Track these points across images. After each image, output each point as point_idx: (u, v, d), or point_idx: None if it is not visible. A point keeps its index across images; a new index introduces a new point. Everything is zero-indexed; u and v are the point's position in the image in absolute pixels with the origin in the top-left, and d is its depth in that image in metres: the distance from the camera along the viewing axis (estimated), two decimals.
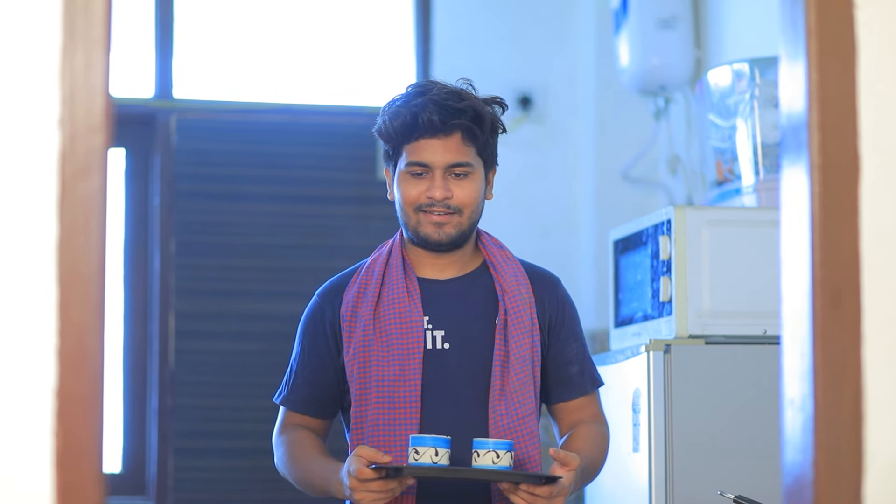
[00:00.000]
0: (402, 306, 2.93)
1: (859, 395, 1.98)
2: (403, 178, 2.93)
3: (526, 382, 2.91)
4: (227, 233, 5.39)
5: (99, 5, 1.85)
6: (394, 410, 2.88)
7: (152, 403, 5.33)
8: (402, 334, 2.91)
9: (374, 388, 2.90)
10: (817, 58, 2.01)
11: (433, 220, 2.91)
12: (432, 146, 2.90)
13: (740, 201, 4.15)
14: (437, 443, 2.75)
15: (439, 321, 2.94)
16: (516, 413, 2.88)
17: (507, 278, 2.98)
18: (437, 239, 2.91)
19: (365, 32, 5.64)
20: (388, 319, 2.93)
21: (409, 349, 2.90)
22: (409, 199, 2.92)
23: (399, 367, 2.89)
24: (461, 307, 2.96)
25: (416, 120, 2.89)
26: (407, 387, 2.89)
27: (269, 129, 5.46)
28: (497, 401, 2.89)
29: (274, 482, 5.33)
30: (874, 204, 2.00)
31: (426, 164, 2.90)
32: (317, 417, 3.02)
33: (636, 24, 5.21)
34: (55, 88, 1.84)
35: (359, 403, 2.92)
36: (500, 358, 2.91)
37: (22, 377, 1.81)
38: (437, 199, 2.90)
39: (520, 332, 2.93)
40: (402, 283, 2.95)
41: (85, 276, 1.82)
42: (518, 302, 2.95)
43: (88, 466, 1.81)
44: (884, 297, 2.00)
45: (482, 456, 2.75)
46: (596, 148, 5.53)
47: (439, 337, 2.93)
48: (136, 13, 5.46)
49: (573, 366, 3.02)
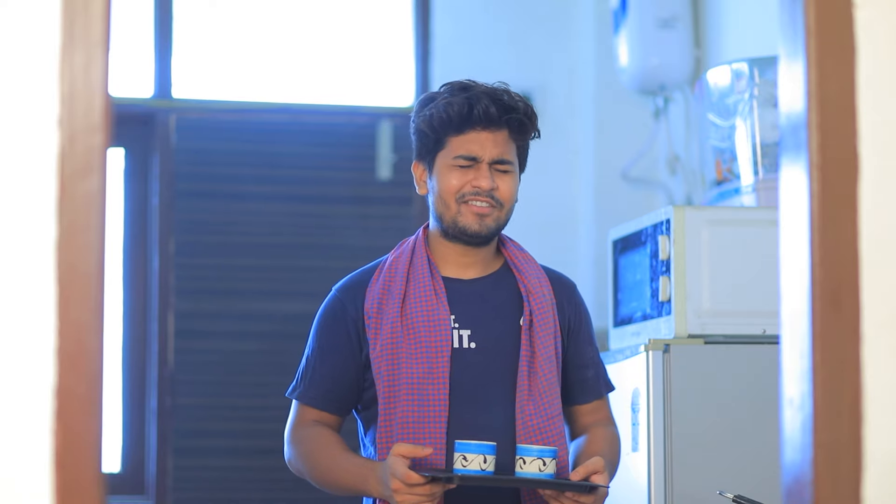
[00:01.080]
0: (429, 304, 2.92)
1: (858, 394, 1.98)
2: (447, 169, 2.93)
3: (553, 383, 2.93)
4: (227, 232, 5.39)
5: (98, 5, 1.85)
6: (422, 408, 2.86)
7: (151, 403, 5.33)
8: (431, 332, 2.89)
9: (405, 385, 2.87)
10: (817, 58, 2.01)
11: (475, 211, 2.91)
12: (482, 139, 2.92)
13: (739, 201, 4.15)
14: (484, 449, 2.73)
15: (465, 320, 2.93)
16: (545, 413, 2.89)
17: (530, 280, 2.99)
18: (477, 230, 2.92)
19: (364, 32, 5.63)
20: (416, 317, 2.91)
21: (438, 347, 2.89)
22: (452, 189, 2.92)
23: (427, 366, 2.87)
24: (486, 307, 2.96)
25: (472, 110, 2.90)
26: (435, 385, 2.87)
27: (269, 128, 5.46)
28: (525, 401, 2.89)
29: (274, 481, 5.36)
30: (873, 204, 2.00)
31: (475, 156, 2.91)
32: (334, 414, 2.99)
33: (635, 24, 5.21)
34: (54, 88, 1.84)
35: (387, 400, 2.89)
36: (526, 358, 2.91)
37: (21, 376, 1.81)
38: (484, 189, 2.90)
39: (545, 333, 2.94)
40: (429, 280, 2.94)
41: (84, 276, 1.82)
42: (542, 303, 2.96)
43: (88, 466, 1.81)
44: (883, 296, 2.00)
45: (528, 463, 2.74)
46: (595, 147, 5.53)
47: (465, 336, 2.92)
48: (136, 13, 5.45)
49: (589, 369, 3.03)
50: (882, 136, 2.01)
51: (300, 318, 5.39)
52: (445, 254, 2.98)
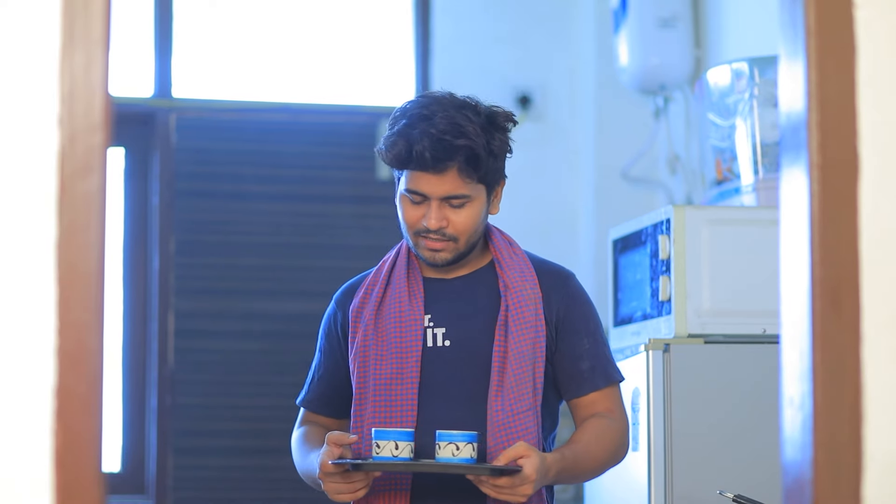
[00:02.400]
0: (402, 305, 2.96)
1: (858, 394, 1.98)
2: (403, 200, 2.94)
3: (523, 379, 2.91)
4: (227, 232, 5.39)
5: (98, 4, 1.85)
6: (391, 408, 2.90)
7: (152, 402, 5.33)
8: (401, 333, 2.94)
9: (372, 386, 2.93)
10: (817, 57, 2.01)
11: (429, 246, 2.92)
12: (427, 178, 2.88)
13: (739, 200, 4.15)
14: (398, 436, 2.78)
15: (441, 319, 2.95)
16: (512, 409, 2.89)
17: (511, 275, 2.98)
18: (433, 262, 2.94)
19: (365, 31, 5.64)
20: (389, 319, 2.96)
21: (408, 347, 2.93)
22: (409, 223, 2.93)
23: (397, 365, 2.92)
24: (463, 305, 2.97)
25: (410, 153, 2.86)
26: (404, 384, 2.91)
27: (269, 128, 5.46)
28: (494, 397, 2.89)
29: (274, 481, 5.36)
30: (874, 203, 2.00)
31: (422, 193, 2.89)
32: (330, 416, 3.07)
33: (636, 24, 5.21)
34: (55, 87, 1.84)
35: (357, 401, 2.96)
36: (499, 355, 2.91)
37: (21, 376, 1.81)
38: (433, 228, 2.90)
39: (521, 329, 2.93)
40: (405, 282, 2.98)
41: (84, 275, 1.82)
42: (521, 298, 2.95)
43: (88, 465, 1.81)
44: (883, 296, 2.00)
45: (442, 448, 2.78)
46: (595, 147, 5.53)
47: (440, 334, 2.94)
48: (136, 12, 5.46)
49: (584, 361, 2.98)
50: (882, 136, 2.01)
51: (300, 318, 5.41)
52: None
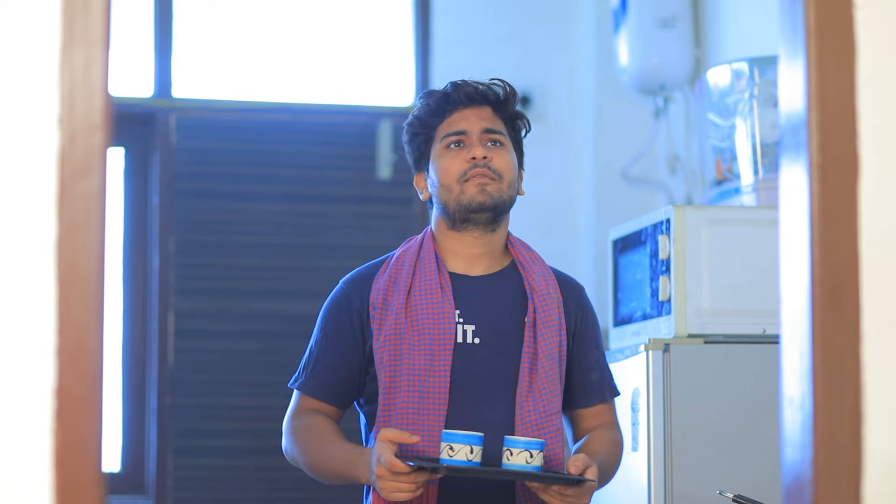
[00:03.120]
0: (434, 298, 2.93)
1: (858, 394, 1.98)
2: (441, 156, 2.98)
3: (553, 380, 2.93)
4: (227, 232, 5.39)
5: (98, 4, 1.85)
6: (422, 401, 2.86)
7: (151, 402, 5.33)
8: (434, 325, 2.90)
9: (406, 377, 2.88)
10: (817, 57, 2.01)
11: (476, 183, 2.94)
12: (466, 115, 2.99)
13: (739, 200, 4.15)
14: (472, 440, 2.72)
15: (470, 316, 2.94)
16: (544, 410, 2.89)
17: (535, 278, 3.00)
18: (482, 200, 2.93)
19: (364, 31, 5.64)
20: (421, 310, 2.91)
21: (441, 341, 2.89)
22: (451, 172, 2.96)
23: (430, 358, 2.88)
24: (491, 304, 2.97)
25: (448, 95, 2.99)
26: (436, 378, 2.87)
27: (269, 128, 5.46)
28: (525, 397, 2.89)
29: (274, 481, 5.36)
30: (873, 203, 2.00)
31: (462, 130, 2.97)
32: (333, 405, 2.98)
33: (636, 24, 5.21)
34: (54, 87, 1.84)
35: (388, 391, 2.89)
36: (528, 355, 2.92)
37: (21, 376, 1.81)
38: (479, 158, 2.94)
39: (548, 331, 2.95)
40: (435, 275, 2.95)
41: (84, 275, 1.82)
42: (547, 301, 2.97)
43: (88, 465, 1.81)
44: (883, 296, 2.00)
45: (515, 455, 2.73)
46: (595, 147, 5.53)
47: (470, 331, 2.93)
48: (136, 12, 5.46)
49: (594, 373, 3.04)
50: (882, 136, 2.01)
51: (300, 318, 5.41)
52: (454, 248, 2.99)
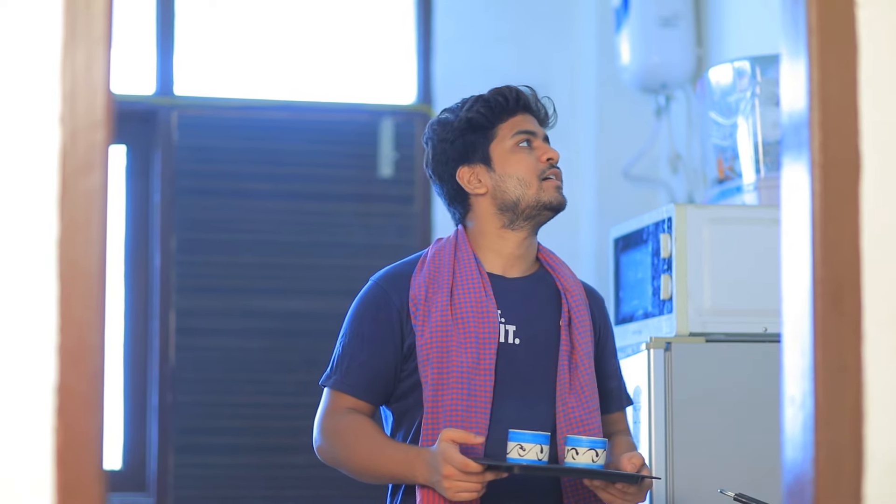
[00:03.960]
0: (478, 297, 2.94)
1: (860, 393, 1.98)
2: (512, 153, 3.02)
3: (592, 378, 2.98)
4: (228, 230, 5.39)
5: (100, 2, 1.85)
6: (469, 399, 2.87)
7: (153, 400, 5.34)
8: (480, 324, 2.91)
9: (455, 375, 2.87)
10: (818, 56, 2.01)
11: (555, 185, 3.02)
12: (529, 119, 3.06)
13: (741, 199, 4.15)
14: (541, 439, 2.74)
15: (511, 316, 2.96)
16: (587, 406, 2.93)
17: (567, 279, 3.05)
18: (560, 200, 3.02)
19: (366, 30, 5.64)
20: (465, 309, 2.92)
21: (486, 340, 2.91)
22: (532, 168, 3.01)
23: (475, 357, 2.89)
24: (529, 304, 3.00)
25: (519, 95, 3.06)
26: (482, 377, 2.88)
27: (271, 125, 5.46)
28: (567, 395, 2.92)
29: (275, 479, 5.36)
30: (875, 202, 2.00)
31: (532, 131, 3.04)
32: (371, 403, 2.96)
33: (637, 22, 5.20)
34: (56, 85, 1.84)
35: (436, 387, 2.88)
36: (566, 354, 2.96)
37: (23, 373, 1.81)
38: (555, 160, 3.02)
39: (583, 331, 2.99)
40: (476, 274, 2.96)
41: (86, 273, 1.82)
42: (579, 303, 3.02)
43: (89, 463, 1.81)
44: (884, 295, 2.00)
45: (581, 454, 2.75)
46: (597, 146, 5.53)
47: (511, 331, 2.95)
48: (138, 10, 5.45)
49: (613, 380, 3.11)
50: (883, 135, 2.01)
51: (302, 316, 5.41)
52: (498, 248, 3.02)
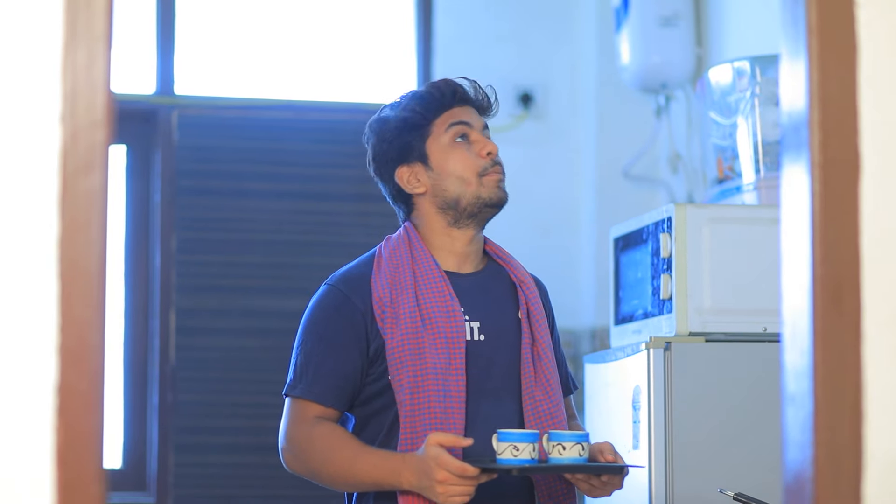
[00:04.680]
0: (442, 297, 2.91)
1: (859, 392, 1.98)
2: (449, 150, 2.97)
3: (555, 369, 2.98)
4: (229, 229, 5.39)
5: (100, 1, 1.85)
6: (445, 400, 2.84)
7: (153, 399, 5.34)
8: (448, 324, 2.89)
9: (431, 376, 2.85)
10: (818, 56, 2.01)
11: (496, 180, 2.97)
12: (465, 111, 3.00)
13: (741, 199, 4.15)
14: (531, 438, 2.73)
15: (474, 313, 2.94)
16: (552, 400, 2.93)
17: (519, 270, 3.03)
18: (501, 196, 2.98)
19: (367, 30, 5.64)
20: (432, 309, 2.89)
21: (455, 339, 2.89)
22: (472, 165, 2.96)
23: (447, 358, 2.86)
24: (488, 300, 2.98)
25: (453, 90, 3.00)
26: (454, 377, 2.86)
27: (271, 125, 5.46)
28: (532, 388, 2.91)
29: (275, 478, 5.36)
30: (874, 202, 2.01)
31: (468, 122, 2.98)
32: (339, 409, 2.91)
33: (637, 22, 5.21)
34: (57, 84, 1.84)
35: (412, 392, 2.85)
36: (528, 347, 2.95)
37: (23, 373, 1.82)
38: (494, 153, 2.97)
39: (540, 322, 2.98)
40: (437, 274, 2.93)
41: (86, 272, 1.82)
42: (533, 293, 3.02)
43: (89, 462, 1.81)
44: (884, 294, 2.00)
45: (569, 449, 2.75)
46: (597, 145, 5.53)
47: (476, 328, 2.93)
48: (138, 9, 5.46)
49: (562, 367, 3.08)
50: (883, 135, 2.02)
51: (301, 315, 5.41)
52: (448, 246, 2.99)
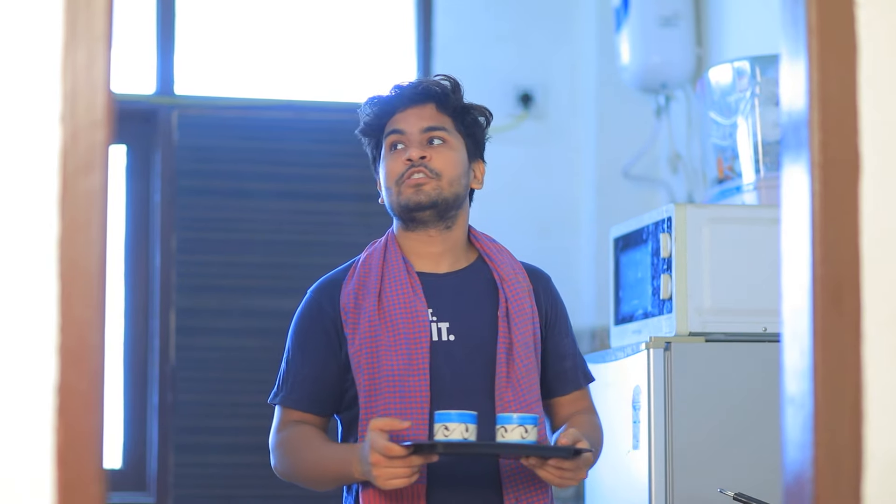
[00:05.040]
0: (406, 297, 2.92)
1: (859, 392, 1.98)
2: (385, 157, 2.98)
3: (530, 369, 2.93)
4: (229, 229, 5.39)
5: (101, 1, 1.85)
6: (404, 401, 2.85)
7: (153, 399, 5.34)
8: (409, 325, 2.89)
9: (386, 378, 2.87)
10: (818, 56, 2.01)
11: (412, 183, 2.93)
12: (407, 115, 2.99)
13: (741, 199, 4.15)
14: (466, 418, 2.70)
15: (443, 313, 2.93)
16: (523, 399, 2.89)
17: (503, 268, 2.99)
18: (417, 199, 2.92)
19: (367, 29, 5.64)
20: (394, 311, 2.91)
21: (417, 340, 2.88)
22: (391, 173, 2.96)
23: (408, 359, 2.87)
24: (463, 299, 2.96)
25: (390, 95, 3.01)
26: (416, 378, 2.86)
27: (271, 125, 5.46)
28: (504, 388, 2.89)
29: (274, 478, 5.34)
30: (874, 202, 2.01)
31: (400, 130, 2.97)
32: (319, 415, 2.96)
33: (637, 22, 5.21)
34: (57, 84, 1.84)
35: (368, 394, 2.88)
36: (504, 346, 2.92)
37: (23, 373, 1.82)
38: (415, 160, 2.93)
39: (521, 320, 2.94)
40: (404, 275, 2.94)
41: (86, 272, 1.82)
42: (517, 290, 2.97)
43: (89, 462, 1.81)
44: (884, 294, 2.00)
45: (510, 431, 2.71)
46: (597, 145, 5.53)
47: (444, 329, 2.92)
48: (138, 9, 5.46)
49: (567, 360, 3.03)
50: (883, 135, 2.02)
51: None
52: (415, 248, 2.99)
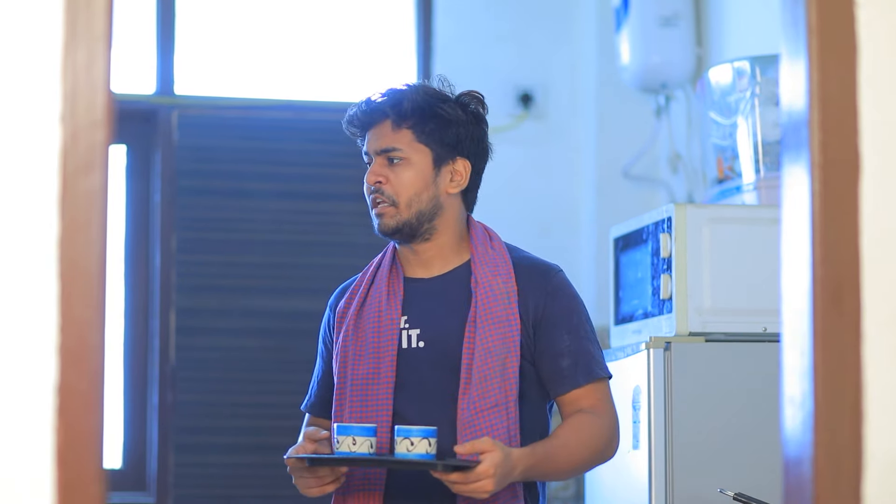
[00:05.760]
0: (381, 307, 2.96)
1: (859, 392, 1.98)
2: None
3: (490, 375, 2.86)
4: (229, 229, 5.39)
5: (100, 1, 1.85)
6: (368, 408, 2.90)
7: (153, 399, 5.34)
8: (377, 334, 2.94)
9: (350, 386, 2.93)
10: (818, 56, 2.01)
11: (377, 212, 2.97)
12: (369, 136, 3.01)
13: (741, 199, 4.15)
14: (358, 431, 2.78)
15: (416, 320, 2.94)
16: (478, 406, 2.85)
17: (484, 270, 2.93)
18: (382, 228, 2.96)
19: (367, 29, 5.64)
20: (368, 319, 2.97)
21: (383, 349, 2.92)
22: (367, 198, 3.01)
23: (373, 367, 2.92)
24: (437, 305, 2.95)
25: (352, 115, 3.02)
26: (380, 386, 2.90)
27: (271, 125, 5.46)
28: (463, 395, 2.87)
29: (275, 478, 5.36)
30: (874, 202, 2.01)
31: (366, 151, 3.01)
32: (328, 418, 3.03)
33: (637, 22, 5.21)
34: (57, 84, 1.84)
35: (337, 401, 2.96)
36: (468, 352, 2.88)
37: (23, 373, 1.82)
38: (370, 185, 2.97)
39: (490, 325, 2.88)
40: (386, 283, 2.98)
41: (86, 272, 1.82)
42: (491, 293, 2.91)
43: (89, 462, 1.81)
44: (884, 294, 2.00)
45: (399, 444, 2.76)
46: (597, 145, 5.53)
47: (414, 336, 2.93)
48: (138, 9, 5.46)
49: (564, 359, 2.92)
50: (883, 135, 2.02)
51: (302, 315, 5.41)
52: (407, 254, 3.01)
